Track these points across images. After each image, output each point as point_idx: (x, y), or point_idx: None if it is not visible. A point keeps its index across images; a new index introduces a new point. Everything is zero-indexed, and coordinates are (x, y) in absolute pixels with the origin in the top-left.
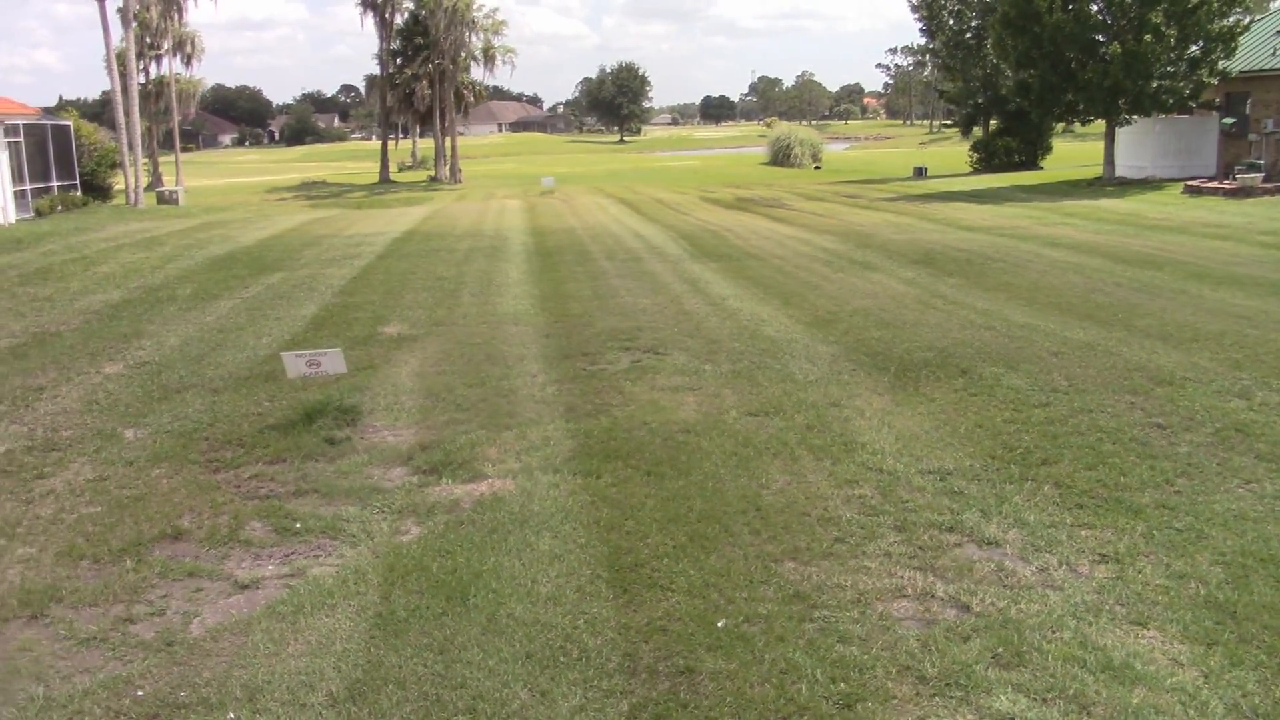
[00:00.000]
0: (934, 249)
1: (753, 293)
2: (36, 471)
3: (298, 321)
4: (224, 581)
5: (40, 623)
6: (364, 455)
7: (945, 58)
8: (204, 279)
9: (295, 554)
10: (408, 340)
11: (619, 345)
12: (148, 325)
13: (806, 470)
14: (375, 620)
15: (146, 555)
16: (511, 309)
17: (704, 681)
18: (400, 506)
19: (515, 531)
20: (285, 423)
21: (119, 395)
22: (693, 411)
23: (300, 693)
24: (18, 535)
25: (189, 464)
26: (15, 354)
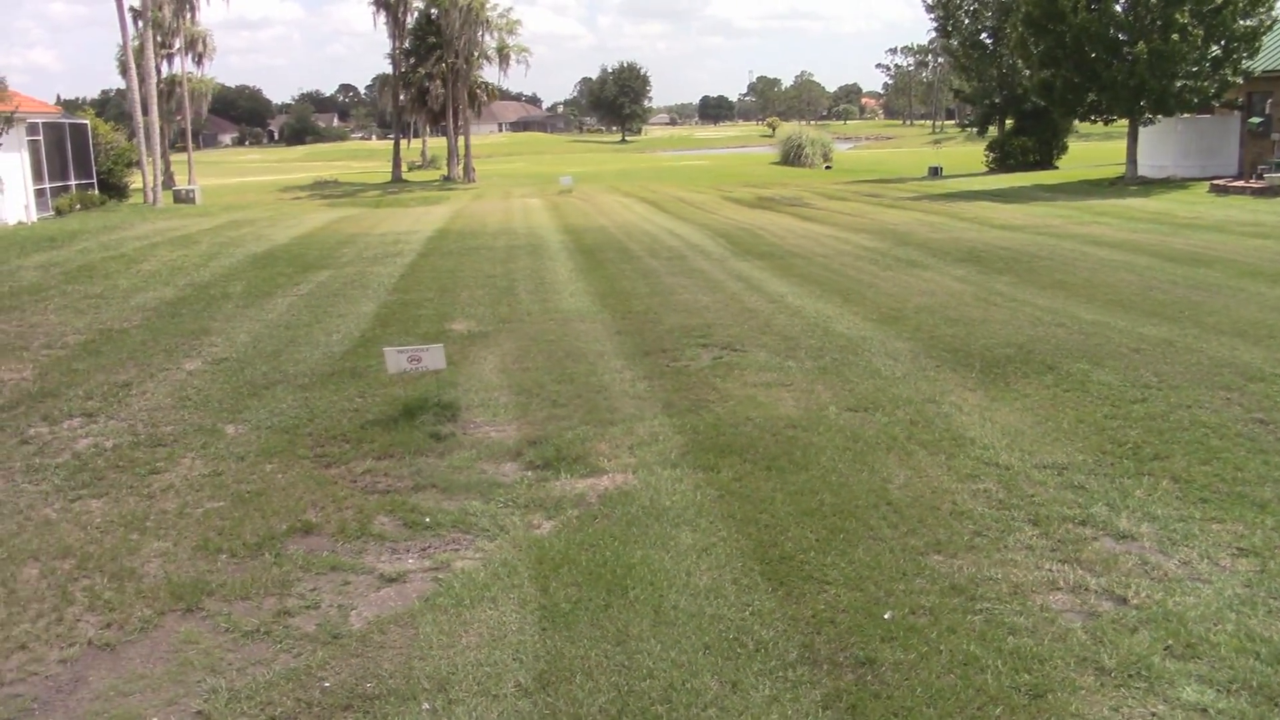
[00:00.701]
0: (976, 247)
1: (809, 290)
2: (150, 467)
3: (362, 319)
4: (368, 575)
5: (197, 616)
6: (471, 450)
7: (961, 57)
8: (251, 276)
9: (431, 548)
10: (479, 337)
11: (694, 342)
12: (211, 322)
13: (923, 465)
14: (540, 612)
15: (283, 549)
16: (573, 306)
17: (887, 672)
18: (525, 501)
19: (652, 525)
20: (385, 419)
21: (208, 391)
22: (792, 407)
23: (489, 683)
24: (148, 529)
25: (299, 459)
26: (89, 350)
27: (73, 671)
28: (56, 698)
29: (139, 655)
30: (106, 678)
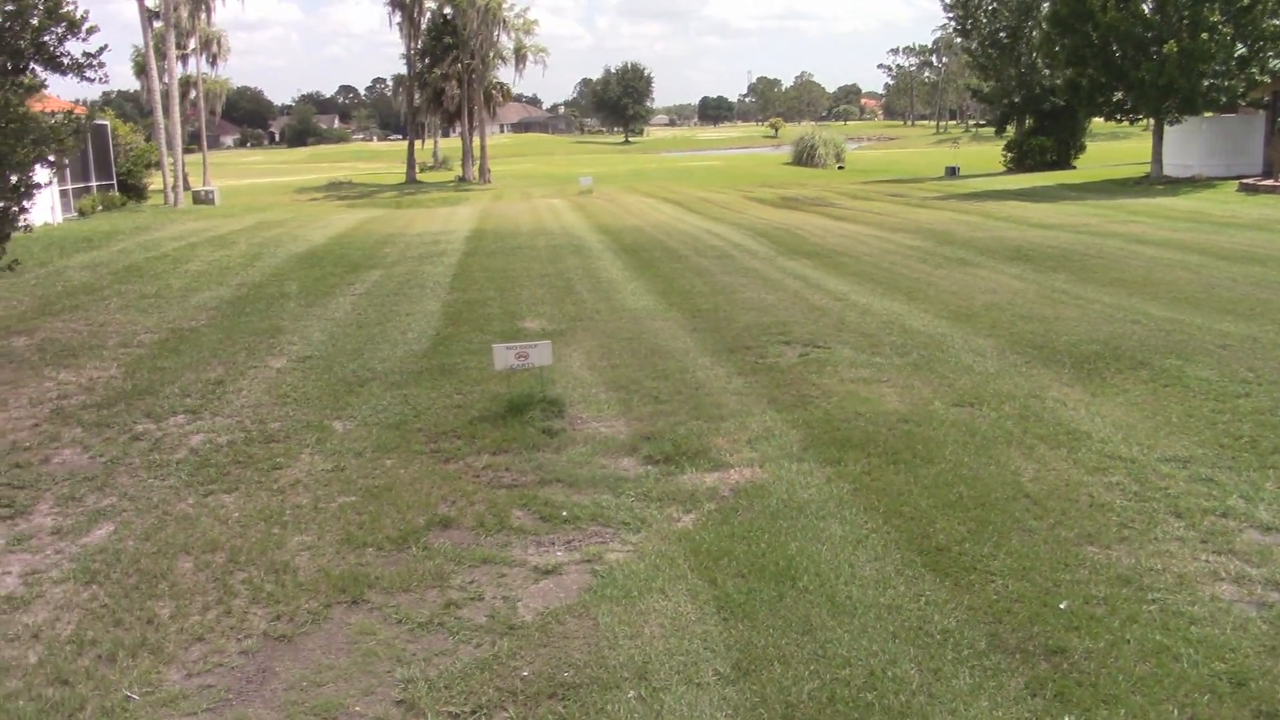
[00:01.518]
0: (1021, 246)
1: (869, 288)
2: (271, 463)
3: (430, 317)
4: (521, 568)
5: (363, 608)
6: (585, 446)
7: (980, 57)
8: (302, 276)
9: (575, 541)
10: (556, 335)
11: (774, 339)
12: (280, 321)
13: (1047, 458)
14: (715, 603)
15: (428, 543)
16: (639, 305)
17: (1080, 660)
18: (657, 494)
19: (797, 518)
20: (492, 415)
21: (303, 388)
22: (897, 402)
23: (688, 672)
24: (287, 524)
25: (416, 455)
26: (167, 349)
27: (257, 663)
28: (249, 688)
29: (317, 646)
30: (293, 669)
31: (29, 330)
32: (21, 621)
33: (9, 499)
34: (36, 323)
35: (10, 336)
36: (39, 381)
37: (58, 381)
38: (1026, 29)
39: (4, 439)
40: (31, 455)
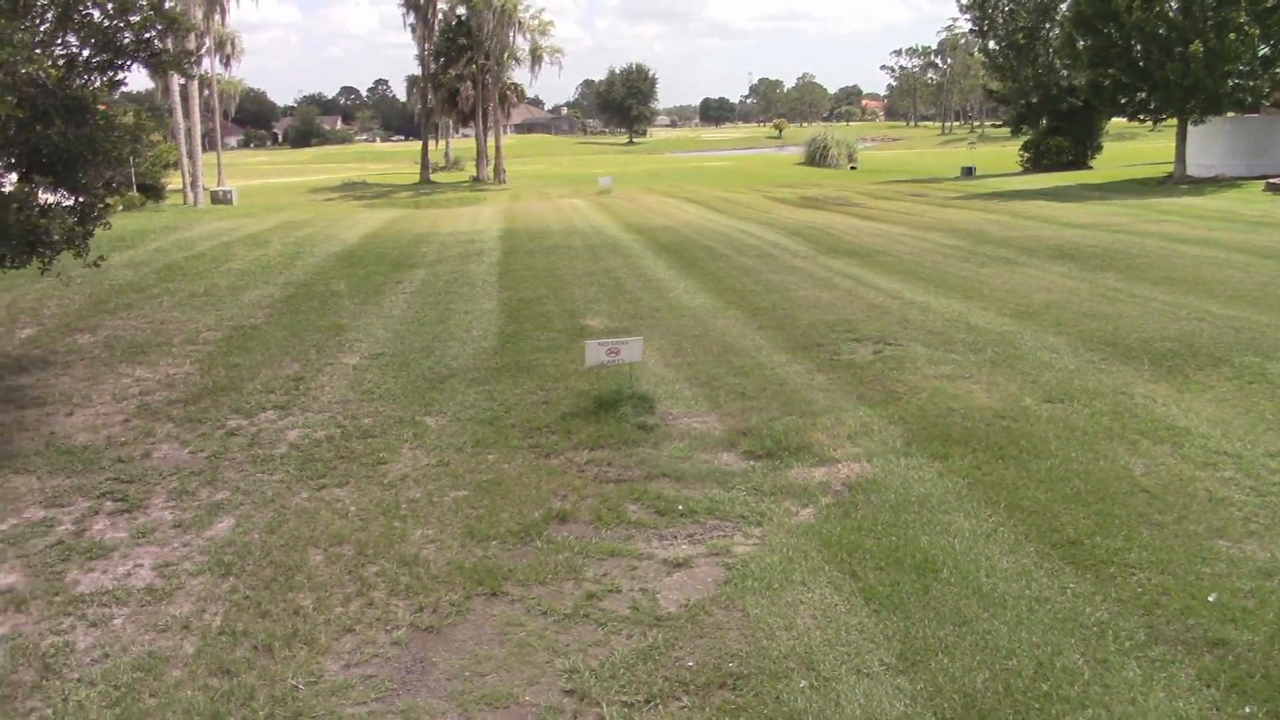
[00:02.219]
0: (1061, 245)
1: (921, 287)
2: (374, 457)
3: (489, 316)
4: (649, 560)
5: (503, 600)
6: (682, 441)
7: (997, 57)
8: (347, 275)
9: (697, 535)
10: (622, 333)
11: (843, 337)
12: (338, 319)
13: (1154, 454)
14: (861, 595)
15: (550, 536)
16: (696, 304)
17: (1246, 653)
18: (768, 489)
19: (921, 512)
20: (581, 411)
21: (385, 385)
22: (987, 399)
23: (854, 661)
24: (406, 517)
25: (516, 450)
26: (234, 346)
27: (411, 654)
28: (410, 678)
29: (468, 638)
30: (450, 659)
31: (91, 328)
32: (168, 613)
33: (121, 493)
34: (95, 320)
35: (74, 334)
36: (116, 378)
37: (135, 378)
38: (1044, 30)
39: (99, 434)
40: (131, 450)
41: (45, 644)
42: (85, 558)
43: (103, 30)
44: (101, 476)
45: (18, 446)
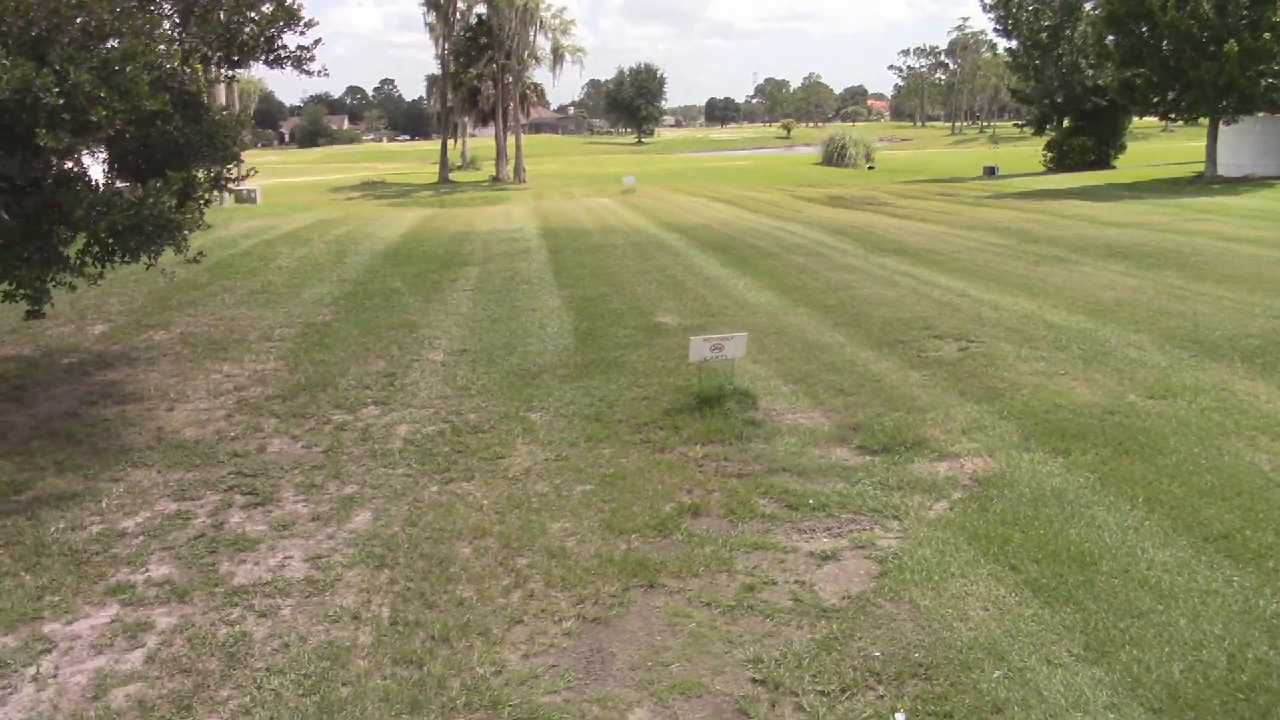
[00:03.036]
0: (1111, 244)
1: (983, 285)
2: (492, 452)
3: (558, 313)
4: (795, 553)
5: (661, 591)
6: (793, 436)
7: (1021, 57)
8: (401, 273)
9: (835, 528)
10: (694, 330)
11: (923, 334)
12: (406, 316)
13: (1276, 449)
14: (1026, 586)
15: (690, 529)
16: (760, 300)
17: None
18: (895, 483)
19: (1060, 506)
20: (683, 407)
21: (479, 381)
22: (1089, 394)
23: (1042, 651)
24: (539, 510)
25: (629, 445)
26: (312, 343)
27: (586, 644)
28: (593, 668)
29: (638, 629)
30: (627, 650)
31: (163, 325)
32: (334, 604)
33: (248, 486)
34: (165, 317)
35: (147, 331)
36: (205, 374)
37: (224, 374)
38: (1068, 29)
39: (206, 429)
40: (244, 444)
41: (221, 634)
42: (233, 550)
43: (225, 25)
44: (222, 470)
45: (129, 440)
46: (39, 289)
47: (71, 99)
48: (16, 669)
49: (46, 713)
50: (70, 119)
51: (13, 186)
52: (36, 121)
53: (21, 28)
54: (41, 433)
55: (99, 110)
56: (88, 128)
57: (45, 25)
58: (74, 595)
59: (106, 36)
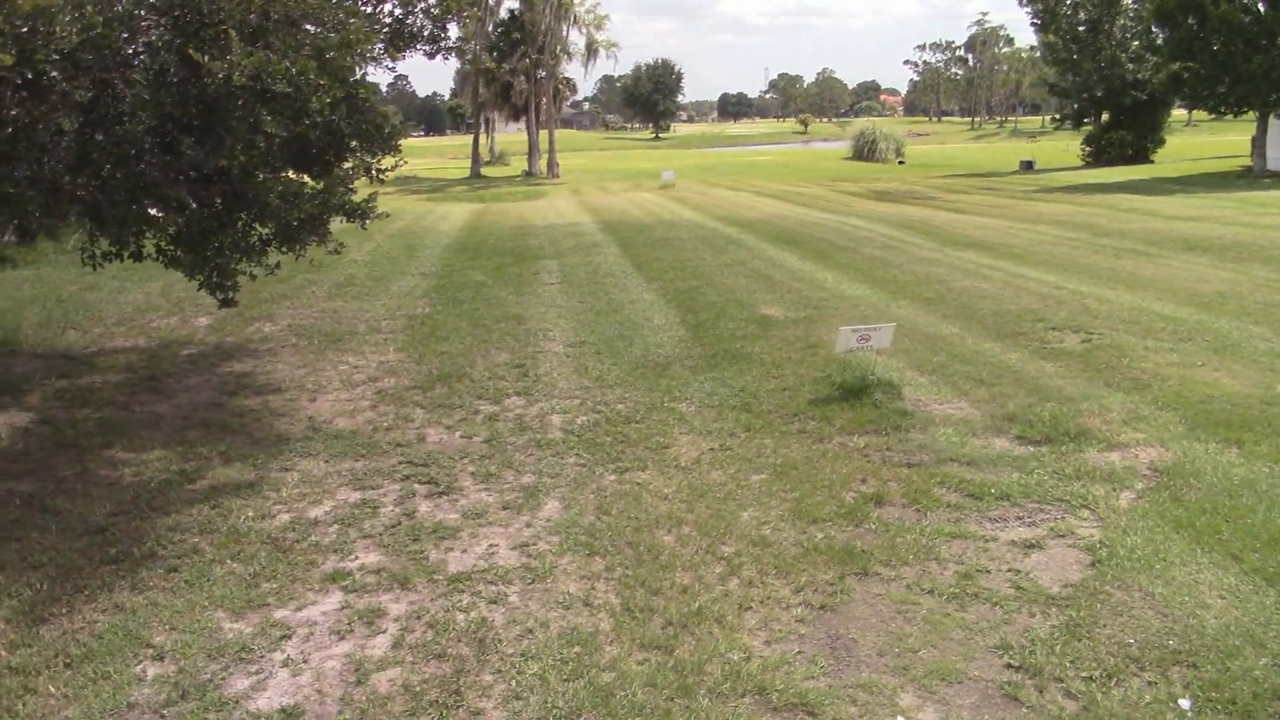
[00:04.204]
0: (1186, 237)
1: (1072, 278)
2: (653, 442)
3: (658, 305)
4: (995, 542)
5: (876, 579)
6: (949, 427)
7: (1060, 51)
8: (477, 267)
9: (1025, 517)
10: (807, 322)
11: (1039, 326)
12: (507, 309)
13: None
14: (1254, 574)
15: (880, 518)
16: (858, 293)
17: None
18: (1070, 473)
19: (1258, 496)
20: (828, 398)
21: (612, 372)
22: (1237, 385)
23: None
24: (725, 499)
25: (786, 435)
26: (425, 335)
27: (823, 631)
28: (840, 654)
29: (869, 615)
30: (867, 636)
31: (268, 317)
32: (560, 590)
33: (424, 476)
34: (267, 309)
35: (254, 323)
36: (331, 366)
37: (350, 365)
38: (1106, 23)
39: (356, 419)
40: (400, 435)
41: (460, 620)
42: (435, 538)
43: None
44: (389, 460)
45: (283, 430)
46: (234, 277)
47: (297, 85)
48: (262, 654)
49: (312, 696)
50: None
51: (200, 176)
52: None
53: (241, 17)
54: (192, 423)
55: (321, 98)
56: (305, 113)
57: (259, 14)
58: (291, 582)
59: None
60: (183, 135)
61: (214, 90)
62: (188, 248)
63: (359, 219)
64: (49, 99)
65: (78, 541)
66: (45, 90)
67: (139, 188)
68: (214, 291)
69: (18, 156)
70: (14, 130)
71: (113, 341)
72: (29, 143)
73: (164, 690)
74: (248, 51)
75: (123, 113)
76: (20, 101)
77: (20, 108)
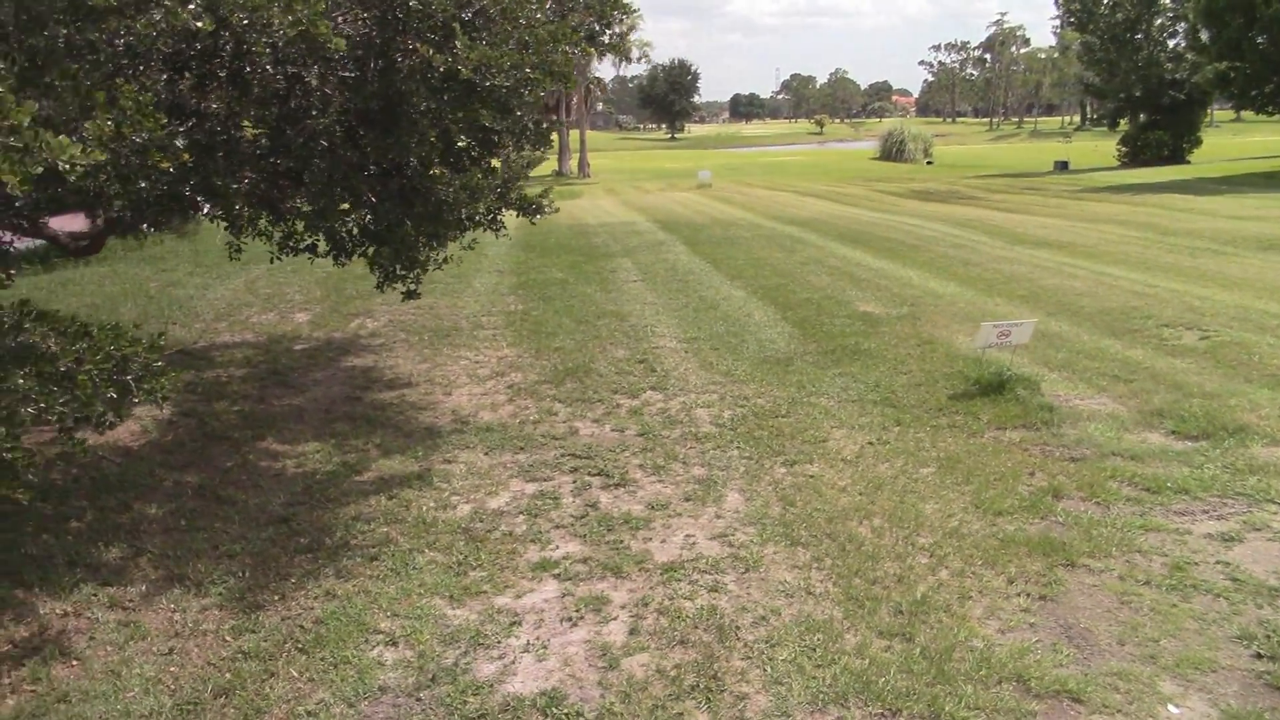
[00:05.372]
0: (1260, 237)
1: (1159, 276)
2: (808, 435)
3: (752, 303)
4: (1191, 535)
5: (1084, 570)
6: (1098, 422)
7: (1098, 51)
8: (551, 264)
9: (1212, 511)
10: (908, 319)
11: (1149, 322)
12: (602, 305)
13: None
14: None
15: (1066, 511)
16: (946, 291)
17: None
18: (1243, 467)
19: None
20: (965, 393)
21: (738, 368)
22: None
23: None
24: (903, 493)
25: (938, 429)
26: (530, 330)
27: (1053, 620)
28: (1078, 642)
29: (1093, 605)
30: (1100, 625)
31: (364, 312)
32: (776, 579)
33: (593, 468)
34: (358, 306)
35: (353, 318)
36: (451, 361)
37: (470, 360)
38: (1145, 22)
39: (497, 413)
40: (549, 428)
41: (689, 608)
42: (628, 528)
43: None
44: (550, 453)
45: (430, 424)
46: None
47: (514, 79)
48: (498, 640)
49: (567, 680)
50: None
51: (379, 170)
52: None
53: (453, 12)
54: (335, 416)
55: (535, 92)
56: (517, 108)
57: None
58: (500, 571)
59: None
60: (367, 129)
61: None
62: (376, 239)
63: (532, 213)
64: (251, 92)
65: (264, 531)
66: (247, 83)
67: (333, 180)
68: (399, 283)
69: (215, 148)
70: (215, 123)
71: (220, 337)
72: (228, 136)
73: (410, 674)
74: (474, 45)
75: (312, 106)
76: (224, 95)
77: (221, 101)
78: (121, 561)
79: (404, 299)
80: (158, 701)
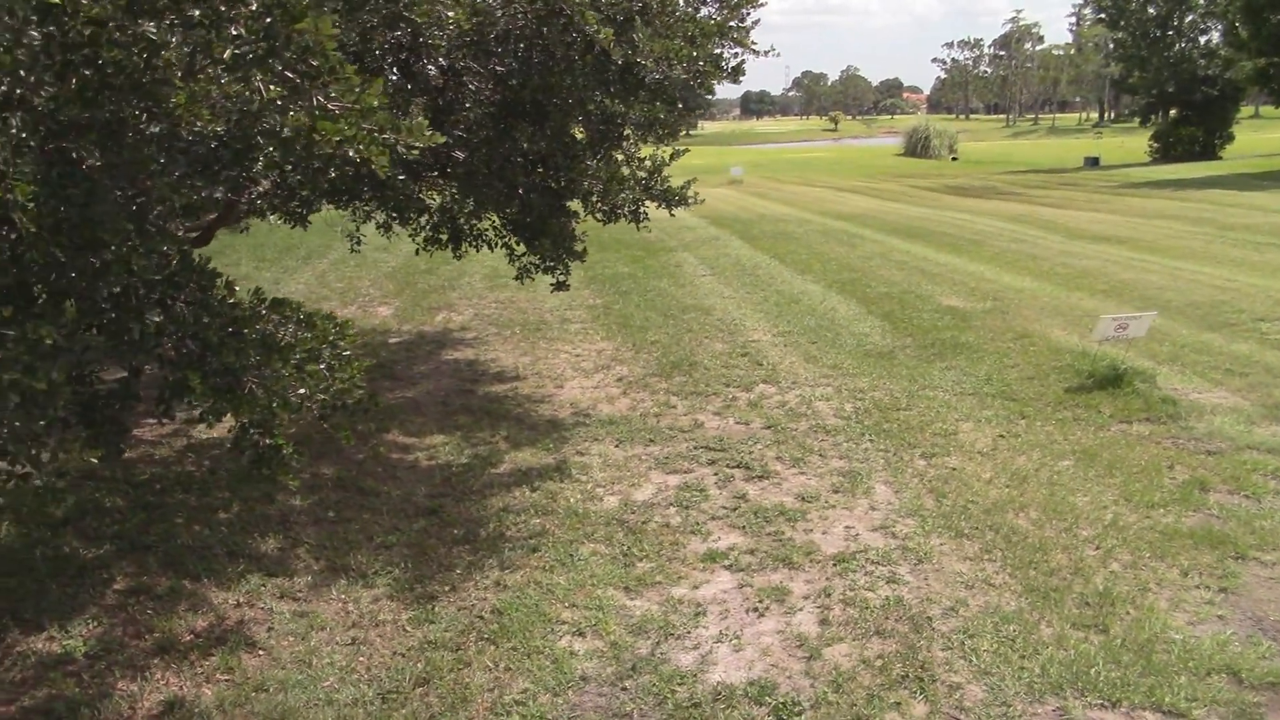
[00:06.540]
0: None
1: (1235, 271)
2: (936, 429)
3: (829, 296)
4: None
5: (1254, 562)
6: (1221, 416)
7: (1130, 47)
8: (609, 260)
9: None
10: (996, 313)
11: (1239, 315)
12: (681, 299)
13: None
14: None
15: (1219, 503)
16: (1025, 285)
17: None
18: None
19: None
20: (1080, 386)
21: (842, 362)
22: None
23: None
24: (1048, 484)
25: (1062, 422)
26: (619, 325)
27: (1240, 611)
28: (1275, 634)
29: (1269, 599)
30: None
31: (445, 306)
32: (951, 570)
33: (730, 460)
34: (437, 299)
35: (437, 311)
36: (550, 354)
37: (570, 353)
38: (1177, 18)
39: (616, 405)
40: (673, 420)
41: (873, 598)
42: (784, 520)
43: None
44: (681, 445)
45: (550, 416)
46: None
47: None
48: (688, 630)
49: (772, 670)
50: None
51: (526, 161)
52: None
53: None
54: (453, 409)
55: (709, 85)
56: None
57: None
58: (669, 562)
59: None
60: (517, 121)
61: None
62: (528, 231)
63: (676, 204)
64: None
65: (415, 523)
66: (414, 75)
67: (490, 173)
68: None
69: None
70: None
71: None
72: None
73: (607, 664)
74: (652, 37)
75: (467, 98)
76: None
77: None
78: (280, 553)
79: (553, 290)
80: (358, 691)
